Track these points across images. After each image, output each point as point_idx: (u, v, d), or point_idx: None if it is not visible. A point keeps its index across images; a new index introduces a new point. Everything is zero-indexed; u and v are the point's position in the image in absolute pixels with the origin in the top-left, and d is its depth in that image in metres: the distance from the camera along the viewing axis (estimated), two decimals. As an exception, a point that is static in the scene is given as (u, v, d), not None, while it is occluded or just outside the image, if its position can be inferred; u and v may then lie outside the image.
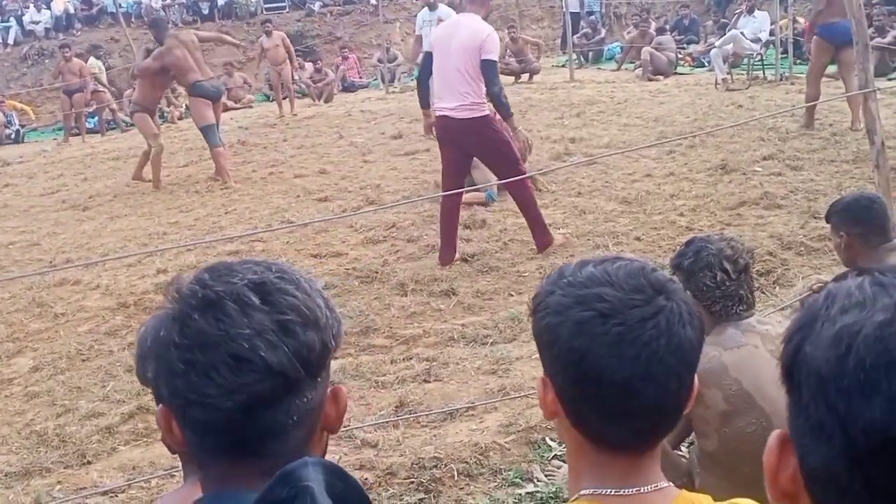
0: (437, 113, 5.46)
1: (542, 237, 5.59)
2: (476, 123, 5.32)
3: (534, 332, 1.09)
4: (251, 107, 15.97)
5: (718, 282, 2.36)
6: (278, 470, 0.84)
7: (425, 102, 5.90)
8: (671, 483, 1.07)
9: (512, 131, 5.55)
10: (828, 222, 3.18)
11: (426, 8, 10.41)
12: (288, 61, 13.90)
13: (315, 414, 0.96)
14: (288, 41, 14.32)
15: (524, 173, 5.57)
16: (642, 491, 1.04)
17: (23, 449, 3.73)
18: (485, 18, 5.49)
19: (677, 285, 1.06)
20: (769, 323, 2.49)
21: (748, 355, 2.36)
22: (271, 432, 0.93)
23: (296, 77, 14.70)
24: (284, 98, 13.96)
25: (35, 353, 4.85)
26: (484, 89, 5.28)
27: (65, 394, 4.23)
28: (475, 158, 5.76)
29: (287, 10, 19.55)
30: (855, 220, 3.03)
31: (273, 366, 0.89)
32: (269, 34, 13.94)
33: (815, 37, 8.67)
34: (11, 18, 18.15)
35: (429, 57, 5.57)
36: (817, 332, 0.65)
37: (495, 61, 5.34)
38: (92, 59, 15.12)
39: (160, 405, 0.97)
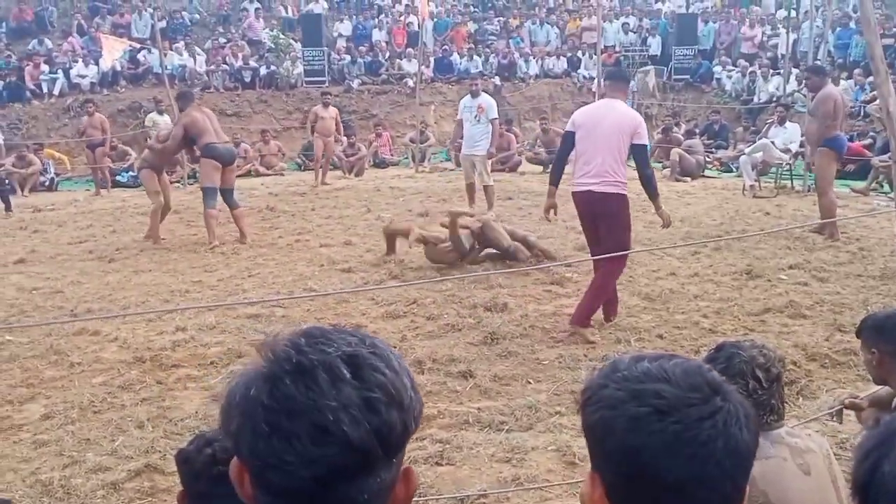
0: (579, 189, 5.69)
1: (584, 317, 5.70)
2: (615, 199, 5.63)
3: (584, 426, 1.06)
4: (282, 174, 16.24)
5: (750, 390, 2.30)
6: None
7: (557, 181, 6.04)
8: None
9: (656, 210, 5.97)
10: (858, 337, 3.14)
11: (469, 95, 10.86)
12: (334, 135, 14.30)
13: (386, 494, 0.96)
14: (339, 118, 14.73)
15: (625, 262, 5.98)
16: None
17: (26, 497, 3.67)
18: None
19: (733, 387, 1.04)
20: (798, 436, 2.43)
21: (777, 467, 2.30)
22: None
23: (335, 151, 15.10)
24: (321, 168, 14.29)
25: (48, 401, 4.82)
26: (625, 170, 5.64)
27: (73, 445, 4.19)
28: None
29: (327, 84, 20.01)
30: (888, 338, 2.99)
31: (353, 441, 0.89)
32: (326, 105, 14.35)
33: (822, 149, 8.88)
34: (59, 71, 18.71)
35: (569, 136, 5.78)
36: None
37: (647, 146, 5.81)
38: (154, 115, 15.42)
39: (235, 459, 0.97)
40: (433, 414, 4.45)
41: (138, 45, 19.62)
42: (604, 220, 5.71)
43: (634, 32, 22.21)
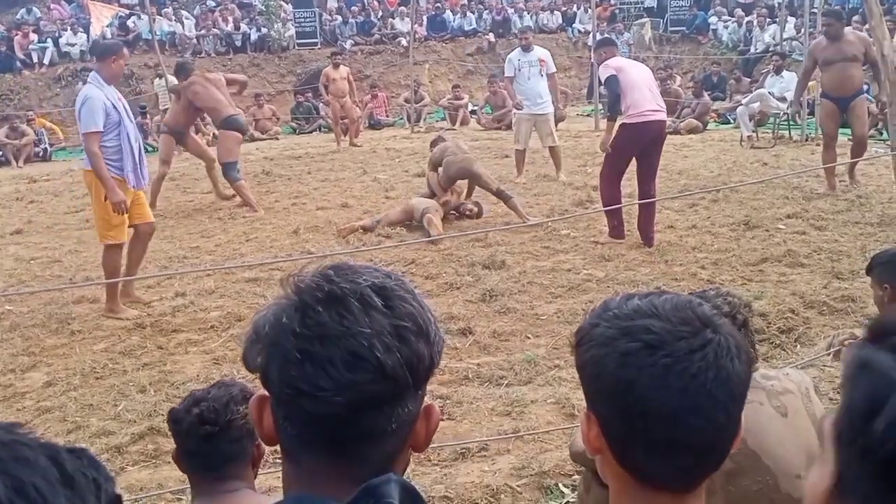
0: (651, 118, 6.57)
1: (650, 231, 6.71)
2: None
3: (577, 366, 1.07)
4: (277, 138, 16.16)
5: None
6: (366, 478, 0.86)
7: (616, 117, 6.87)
8: None
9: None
10: (868, 274, 3.15)
11: (519, 49, 10.09)
12: (350, 94, 14.08)
13: (410, 427, 0.97)
14: (351, 77, 14.50)
15: None
16: None
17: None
18: None
19: (724, 320, 1.05)
20: (775, 377, 2.44)
21: (753, 413, 2.31)
22: (371, 436, 0.93)
23: (357, 112, 14.91)
24: (346, 131, 14.20)
25: (49, 369, 4.85)
26: None
27: (76, 411, 4.21)
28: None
29: (319, 46, 19.81)
30: None
31: (386, 368, 0.90)
32: (336, 66, 14.11)
33: (866, 96, 8.88)
34: (49, 39, 18.50)
35: (616, 79, 6.61)
36: None
37: None
38: (159, 80, 15.04)
39: (256, 395, 0.98)
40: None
41: (126, 11, 19.38)
42: (658, 145, 6.75)
43: (629, -15, 21.92)
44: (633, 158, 6.78)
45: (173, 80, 13.44)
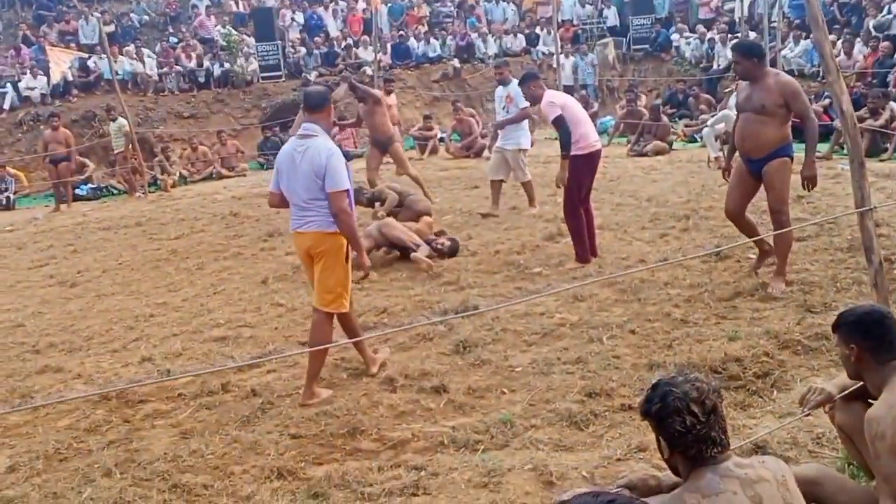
0: (597, 147, 7.44)
1: (593, 242, 7.47)
2: None
3: None
4: (245, 175, 16.02)
5: (689, 426, 2.34)
6: None
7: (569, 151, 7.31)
8: None
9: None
10: (834, 332, 3.10)
11: (500, 85, 10.28)
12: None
13: None
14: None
15: None
16: None
17: (-9, 566, 3.56)
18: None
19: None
20: (749, 465, 2.42)
21: (726, 503, 2.31)
22: None
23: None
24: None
25: (12, 451, 4.67)
26: None
27: (40, 500, 4.05)
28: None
29: (283, 79, 19.74)
30: (866, 334, 2.95)
31: None
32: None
33: (784, 159, 6.04)
34: (8, 84, 18.24)
35: (563, 117, 7.16)
36: None
37: None
38: (120, 119, 14.95)
39: None
40: (407, 437, 4.37)
41: (85, 55, 19.15)
42: (595, 170, 7.55)
43: (591, 4, 22.11)
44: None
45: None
